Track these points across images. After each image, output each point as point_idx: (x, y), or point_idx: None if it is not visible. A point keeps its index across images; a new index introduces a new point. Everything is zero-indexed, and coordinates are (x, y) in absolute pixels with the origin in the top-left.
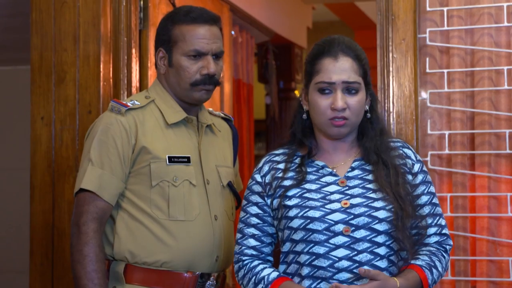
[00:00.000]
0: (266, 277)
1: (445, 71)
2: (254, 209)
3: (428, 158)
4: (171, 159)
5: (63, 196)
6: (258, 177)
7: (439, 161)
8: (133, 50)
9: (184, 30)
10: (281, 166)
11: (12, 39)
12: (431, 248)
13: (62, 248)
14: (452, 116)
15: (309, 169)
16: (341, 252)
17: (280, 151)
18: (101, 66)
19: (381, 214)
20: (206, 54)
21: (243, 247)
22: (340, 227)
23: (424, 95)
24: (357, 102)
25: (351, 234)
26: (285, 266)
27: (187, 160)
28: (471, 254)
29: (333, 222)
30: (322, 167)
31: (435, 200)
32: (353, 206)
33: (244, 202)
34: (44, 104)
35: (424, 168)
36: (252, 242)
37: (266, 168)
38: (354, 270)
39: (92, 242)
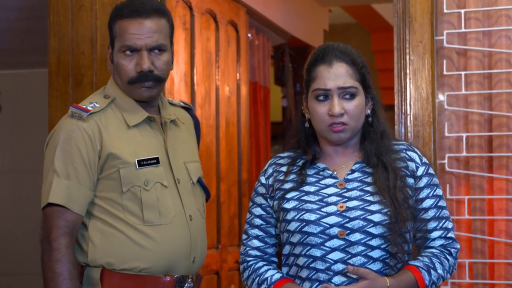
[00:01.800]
0: (269, 278)
1: (463, 73)
2: (258, 211)
3: (446, 161)
4: (141, 163)
5: None
6: (262, 179)
7: (456, 163)
8: None
9: (119, 25)
10: (284, 169)
11: (30, 42)
12: (434, 251)
13: None
14: (470, 118)
15: (310, 172)
16: (336, 255)
17: (286, 154)
18: None
19: (377, 217)
20: (140, 50)
21: (248, 248)
22: (335, 230)
23: (441, 97)
24: (355, 107)
25: (346, 237)
26: (287, 268)
27: (156, 161)
28: (489, 257)
29: (328, 225)
30: (323, 169)
31: (442, 203)
32: (349, 209)
33: (250, 203)
34: (61, 107)
35: (430, 171)
36: (256, 243)
37: (270, 170)
38: (348, 274)
39: (64, 259)
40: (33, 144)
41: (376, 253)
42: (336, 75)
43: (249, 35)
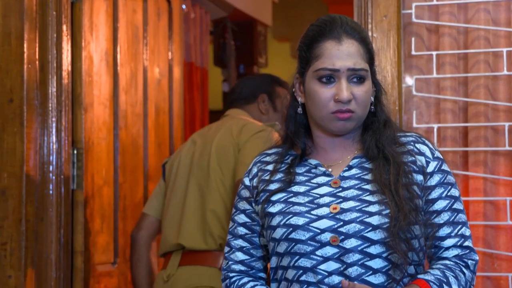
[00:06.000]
0: None
1: (434, 53)
2: (241, 218)
3: None
4: None
5: None
6: (246, 181)
7: None
8: (64, 27)
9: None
10: (270, 167)
11: None
12: (448, 262)
13: None
14: (442, 106)
15: (300, 170)
16: (330, 266)
17: (273, 150)
18: (25, 45)
19: (376, 220)
20: None
21: (230, 262)
22: (327, 236)
23: (409, 81)
24: (364, 93)
25: (340, 244)
26: (276, 284)
27: None
28: None
29: (318, 231)
30: (316, 166)
31: (458, 206)
32: (343, 211)
33: (232, 210)
34: None
35: (444, 167)
36: (240, 256)
37: (254, 169)
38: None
39: None
40: None
41: (376, 263)
42: (347, 54)
43: (184, 6)
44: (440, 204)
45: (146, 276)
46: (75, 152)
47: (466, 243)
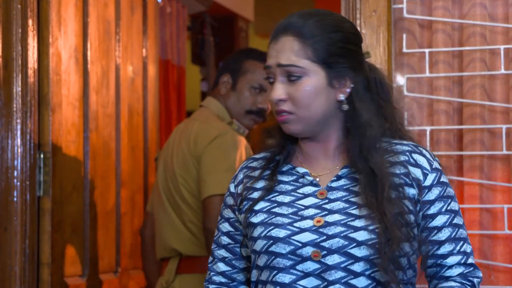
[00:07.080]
0: None
1: (427, 50)
2: (225, 226)
3: None
4: None
5: None
6: (232, 187)
7: None
8: (30, 21)
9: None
10: (256, 173)
11: None
12: (453, 284)
13: None
14: (435, 107)
15: (287, 178)
16: (311, 282)
17: (261, 155)
18: None
19: (361, 235)
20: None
21: (212, 273)
22: (308, 251)
23: (400, 81)
24: (299, 92)
25: (322, 260)
26: None
27: None
28: None
29: (300, 244)
30: (303, 176)
31: (458, 220)
32: (328, 224)
33: (218, 218)
34: None
35: (443, 179)
36: (222, 266)
37: (240, 175)
38: None
39: None
40: None
41: (360, 282)
42: (278, 51)
43: (159, 0)
44: (440, 220)
45: (156, 271)
46: (42, 156)
47: (470, 260)
